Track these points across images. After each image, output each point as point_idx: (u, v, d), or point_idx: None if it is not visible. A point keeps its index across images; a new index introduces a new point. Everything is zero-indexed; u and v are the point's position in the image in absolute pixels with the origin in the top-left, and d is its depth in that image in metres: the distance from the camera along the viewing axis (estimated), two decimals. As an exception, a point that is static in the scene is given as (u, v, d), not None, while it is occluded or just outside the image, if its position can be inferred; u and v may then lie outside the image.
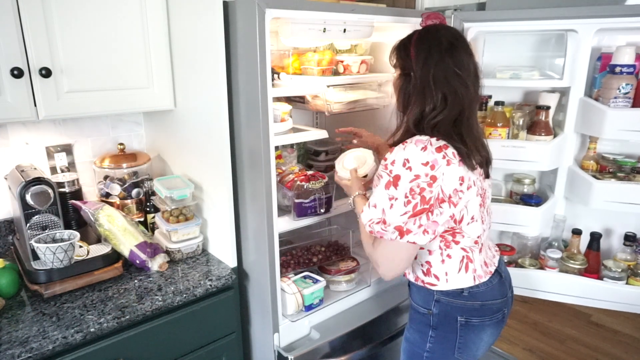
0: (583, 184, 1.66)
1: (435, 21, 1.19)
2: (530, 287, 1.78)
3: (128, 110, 1.58)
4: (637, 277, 1.66)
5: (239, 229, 1.52)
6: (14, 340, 1.13)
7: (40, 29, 1.28)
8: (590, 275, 1.73)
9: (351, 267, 1.70)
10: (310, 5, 1.34)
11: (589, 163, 1.71)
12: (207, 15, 1.32)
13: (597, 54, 1.65)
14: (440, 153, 1.08)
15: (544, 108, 1.68)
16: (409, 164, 1.08)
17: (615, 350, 1.50)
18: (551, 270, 1.76)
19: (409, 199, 1.07)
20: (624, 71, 1.53)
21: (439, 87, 1.11)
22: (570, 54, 1.58)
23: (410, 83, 1.16)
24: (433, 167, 1.07)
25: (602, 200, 1.62)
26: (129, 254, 1.45)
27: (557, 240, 1.81)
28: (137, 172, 1.72)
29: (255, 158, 1.36)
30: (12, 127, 1.58)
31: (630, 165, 1.65)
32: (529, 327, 1.63)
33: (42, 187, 1.32)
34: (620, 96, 1.55)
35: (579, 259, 1.74)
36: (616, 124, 1.55)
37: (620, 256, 1.71)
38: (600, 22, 1.54)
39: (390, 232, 1.09)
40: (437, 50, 1.12)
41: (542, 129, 1.69)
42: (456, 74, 1.12)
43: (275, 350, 1.49)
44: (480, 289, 1.20)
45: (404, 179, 1.08)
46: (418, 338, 1.27)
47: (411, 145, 1.09)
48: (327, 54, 1.65)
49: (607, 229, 1.81)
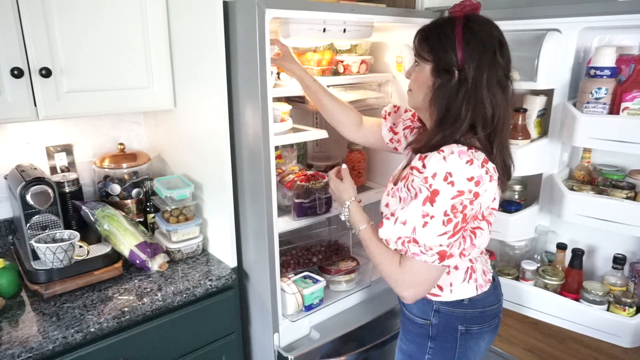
0: (558, 193, 1.54)
1: (469, 10, 1.05)
2: (508, 298, 1.64)
3: (128, 110, 1.58)
4: (619, 304, 1.47)
5: (239, 229, 1.52)
6: (14, 340, 1.13)
7: (40, 29, 1.28)
8: (568, 294, 1.57)
9: (351, 267, 1.70)
10: (310, 5, 1.34)
11: (580, 173, 1.61)
12: (207, 15, 1.32)
13: (588, 56, 1.54)
14: (483, 168, 0.98)
15: (521, 111, 1.56)
16: (451, 178, 0.96)
17: (614, 350, 1.50)
18: (526, 282, 1.64)
19: (449, 217, 0.97)
20: (599, 74, 1.41)
21: (492, 93, 1.00)
22: (549, 54, 1.46)
23: (451, 83, 1.02)
24: (478, 183, 0.97)
25: (573, 214, 1.50)
26: (129, 254, 1.45)
27: (540, 252, 1.71)
28: (137, 172, 1.72)
29: (255, 158, 1.36)
30: (12, 127, 1.58)
31: (616, 178, 1.51)
32: (529, 327, 1.63)
33: (42, 187, 1.32)
34: (593, 101, 1.41)
35: (557, 275, 1.60)
36: (587, 131, 1.42)
37: (609, 280, 1.54)
38: (585, 21, 1.43)
39: (430, 255, 1.00)
40: (490, 49, 0.99)
41: (520, 132, 1.56)
42: (506, 78, 1.02)
43: (275, 350, 1.49)
44: (480, 296, 1.17)
45: (444, 194, 0.97)
46: (415, 350, 1.22)
47: (454, 157, 0.97)
48: (327, 54, 1.65)
49: (592, 247, 1.66)
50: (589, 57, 1.53)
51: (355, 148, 1.87)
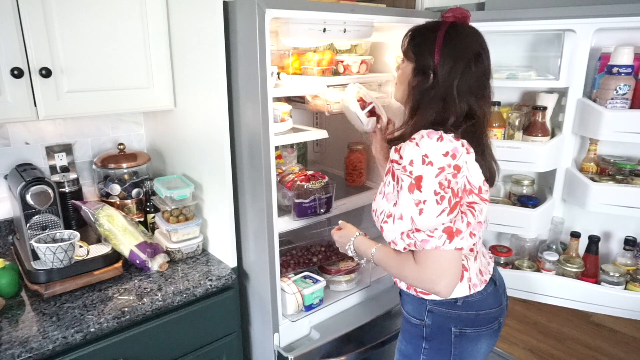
0: (580, 186, 1.63)
1: (459, 18, 1.10)
2: (528, 289, 1.76)
3: (128, 110, 1.58)
4: (635, 282, 1.62)
5: (239, 229, 1.52)
6: (14, 340, 1.13)
7: (40, 29, 1.28)
8: (588, 279, 1.69)
9: (351, 267, 1.70)
10: (310, 5, 1.34)
11: (588, 165, 1.69)
12: (207, 15, 1.32)
13: (597, 54, 1.63)
14: (459, 141, 1.02)
15: (541, 109, 1.66)
16: (428, 159, 1.00)
17: (615, 350, 1.50)
18: (548, 273, 1.74)
19: (441, 195, 1.00)
20: (622, 72, 1.51)
21: (462, 99, 1.05)
22: (568, 54, 1.57)
23: (426, 84, 1.08)
24: (454, 156, 1.00)
25: (599, 203, 1.59)
26: (129, 254, 1.45)
27: (555, 242, 1.79)
28: (137, 172, 1.72)
29: (255, 158, 1.36)
30: (12, 127, 1.58)
31: (629, 167, 1.62)
32: (529, 327, 1.63)
33: (42, 187, 1.32)
34: (618, 97, 1.52)
35: (576, 263, 1.70)
36: (613, 125, 1.52)
37: (620, 260, 1.67)
38: (599, 22, 1.52)
39: (438, 237, 1.00)
40: (464, 59, 1.05)
41: (539, 129, 1.67)
42: (479, 86, 1.07)
43: (275, 350, 1.49)
44: (475, 297, 1.16)
45: (427, 177, 1.00)
46: (411, 350, 1.22)
47: (425, 139, 1.01)
48: (327, 54, 1.65)
49: (606, 233, 1.77)
50: (597, 55, 1.62)
51: (355, 148, 1.87)
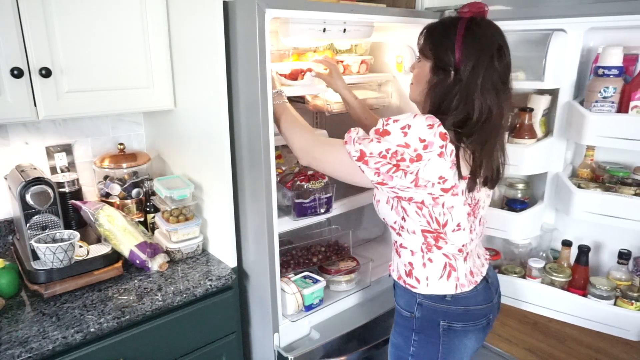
0: (565, 191, 1.57)
1: (477, 12, 1.07)
2: (512, 295, 1.69)
3: (128, 110, 1.58)
4: (626, 299, 1.51)
5: (239, 229, 1.52)
6: (14, 340, 1.13)
7: (40, 29, 1.28)
8: (575, 290, 1.61)
9: (351, 267, 1.70)
10: (310, 5, 1.34)
11: (584, 171, 1.64)
12: (207, 15, 1.32)
13: (593, 55, 1.56)
14: (443, 141, 0.99)
15: (528, 110, 1.60)
16: (406, 130, 1.01)
17: (615, 350, 1.50)
18: (533, 280, 1.67)
19: (387, 159, 1.02)
20: (607, 73, 1.43)
21: (485, 97, 1.02)
22: (555, 54, 1.49)
23: (446, 82, 1.06)
24: (426, 147, 0.99)
25: (582, 211, 1.52)
26: (129, 254, 1.45)
27: (546, 250, 1.73)
28: (137, 172, 1.72)
29: (255, 158, 1.36)
30: (12, 127, 1.58)
31: (622, 175, 1.54)
32: (529, 327, 1.63)
33: (42, 187, 1.32)
34: (602, 100, 1.44)
35: (564, 272, 1.63)
36: (596, 129, 1.44)
37: (614, 275, 1.57)
38: (591, 21, 1.44)
39: (354, 150, 1.06)
40: (487, 53, 1.02)
41: (526, 132, 1.60)
42: (502, 83, 1.04)
43: (275, 350, 1.49)
44: (464, 294, 1.17)
45: (392, 138, 1.02)
46: (402, 342, 1.25)
47: (421, 117, 1.01)
48: (327, 54, 1.65)
49: (598, 243, 1.68)
50: (593, 56, 1.54)
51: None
